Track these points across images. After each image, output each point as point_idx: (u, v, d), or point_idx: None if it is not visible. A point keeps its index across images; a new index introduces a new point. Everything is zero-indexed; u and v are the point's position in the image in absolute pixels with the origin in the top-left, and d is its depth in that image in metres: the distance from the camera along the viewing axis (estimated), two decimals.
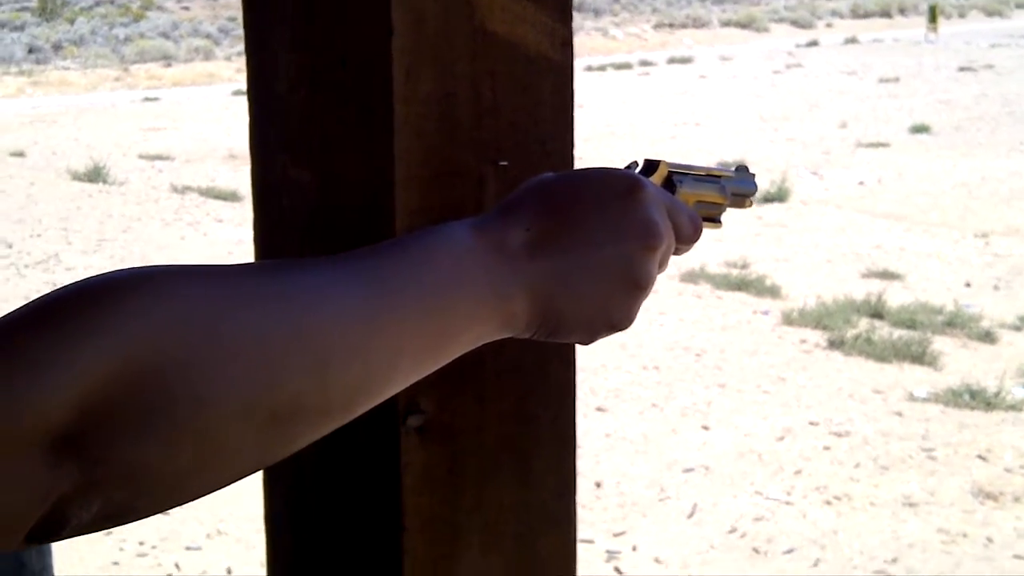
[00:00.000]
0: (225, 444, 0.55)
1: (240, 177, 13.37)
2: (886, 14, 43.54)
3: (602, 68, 25.81)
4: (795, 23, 39.26)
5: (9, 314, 0.50)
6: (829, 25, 39.79)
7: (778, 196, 11.33)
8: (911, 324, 7.42)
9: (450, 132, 1.08)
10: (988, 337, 7.23)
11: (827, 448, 5.32)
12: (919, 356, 6.72)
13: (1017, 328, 7.47)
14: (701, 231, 0.78)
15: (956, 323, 7.48)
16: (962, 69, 24.47)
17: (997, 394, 5.99)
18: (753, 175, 0.96)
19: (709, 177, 0.88)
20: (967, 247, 9.91)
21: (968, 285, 8.57)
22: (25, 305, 0.50)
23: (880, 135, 16.11)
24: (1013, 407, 5.88)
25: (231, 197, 11.94)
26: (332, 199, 1.12)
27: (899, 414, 5.80)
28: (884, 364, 6.61)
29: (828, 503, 4.76)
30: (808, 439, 5.43)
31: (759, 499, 4.82)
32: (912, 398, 6.04)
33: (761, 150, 14.78)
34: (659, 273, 0.74)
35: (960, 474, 5.05)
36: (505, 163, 1.11)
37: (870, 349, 6.82)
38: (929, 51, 28.95)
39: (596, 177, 0.73)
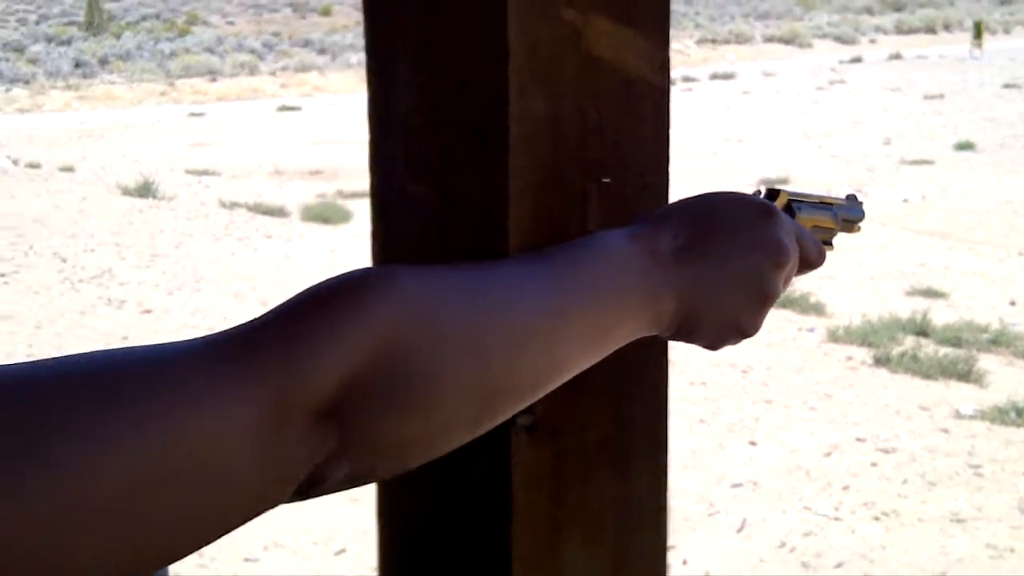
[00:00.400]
0: (445, 417, 0.63)
1: (287, 193, 13.52)
2: (931, 30, 43.41)
3: None
4: (838, 39, 39.23)
5: (282, 305, 0.58)
6: (873, 41, 39.73)
7: None
8: (956, 342, 7.43)
9: (558, 150, 1.15)
10: None
11: (874, 464, 5.35)
12: (965, 374, 6.74)
13: None
14: (825, 256, 0.86)
15: (1001, 341, 7.49)
16: (1007, 86, 24.44)
17: None
18: (861, 203, 1.03)
19: (823, 204, 0.96)
20: (1012, 265, 9.91)
21: (1013, 303, 8.57)
22: (294, 297, 0.58)
23: (924, 152, 16.13)
24: None
25: (279, 213, 12.09)
26: (448, 212, 1.20)
27: (945, 431, 5.83)
28: (930, 381, 6.63)
29: (876, 519, 4.80)
30: (855, 455, 5.47)
31: (808, 514, 4.87)
32: (958, 415, 6.06)
33: (805, 167, 14.82)
34: (783, 290, 0.81)
35: (1007, 490, 5.07)
36: (608, 180, 1.19)
37: (916, 366, 6.85)
38: (974, 67, 28.90)
39: (735, 199, 0.81)
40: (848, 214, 1.00)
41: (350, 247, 10.37)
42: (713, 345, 0.81)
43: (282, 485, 0.56)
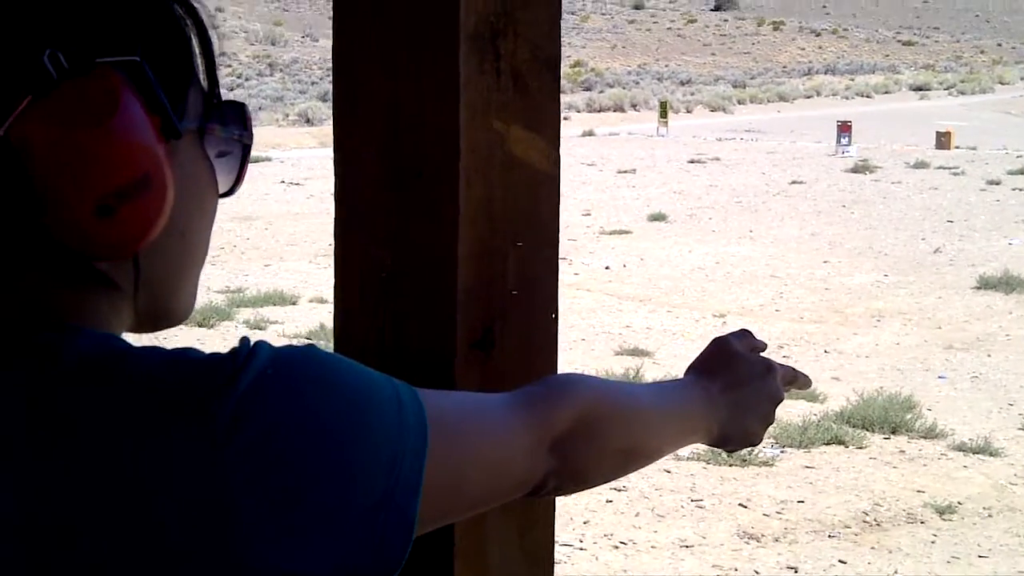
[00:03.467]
0: (607, 464, 1.06)
1: None
2: (619, 108, 45.84)
3: None
4: None
5: (541, 383, 1.04)
6: (566, 118, 41.61)
7: None
8: None
9: (490, 223, 1.57)
10: None
11: (609, 501, 5.94)
12: None
13: None
14: (794, 381, 1.36)
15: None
16: (692, 161, 26.07)
17: (751, 452, 6.77)
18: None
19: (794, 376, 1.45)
20: (708, 325, 10.84)
21: None
22: (546, 380, 1.05)
23: (622, 222, 17.13)
24: (765, 463, 6.66)
25: None
26: (404, 271, 1.59)
27: (668, 471, 6.49)
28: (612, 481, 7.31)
29: (615, 547, 5.37)
30: (592, 494, 6.04)
31: (556, 546, 5.37)
32: (678, 457, 6.74)
33: None
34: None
35: (726, 519, 5.75)
36: (521, 243, 1.62)
37: None
38: (661, 144, 30.65)
39: (751, 359, 1.25)
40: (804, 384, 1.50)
41: None
42: (734, 450, 1.29)
43: (528, 485, 0.98)
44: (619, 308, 11.59)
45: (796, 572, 5.19)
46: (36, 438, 0.73)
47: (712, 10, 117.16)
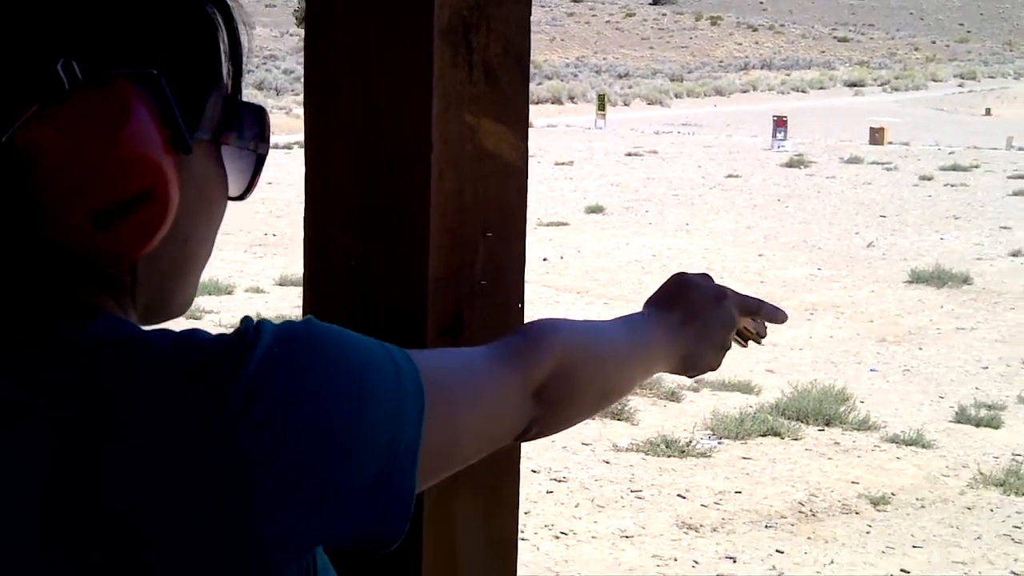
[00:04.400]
0: (584, 404, 1.10)
1: None
2: (557, 100, 45.94)
3: None
4: None
5: (520, 331, 1.06)
6: None
7: None
8: None
9: (460, 214, 1.59)
10: (673, 396, 8.15)
11: (550, 492, 5.98)
12: (618, 412, 7.53)
13: (695, 389, 8.44)
14: (757, 310, 1.40)
15: (644, 385, 8.37)
16: (629, 154, 26.26)
17: (689, 443, 6.85)
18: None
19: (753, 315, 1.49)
20: None
21: None
22: (525, 327, 1.07)
23: (559, 214, 17.20)
24: (703, 454, 6.74)
25: None
26: (373, 261, 1.62)
27: (607, 462, 6.56)
28: (588, 420, 7.37)
29: (556, 537, 5.41)
30: (532, 485, 6.08)
31: None
32: (616, 448, 6.81)
33: None
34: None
35: (665, 510, 5.81)
36: (490, 234, 1.65)
37: None
38: (599, 136, 30.82)
39: (704, 287, 1.29)
40: (760, 333, 1.54)
41: None
42: (695, 375, 1.33)
43: (514, 434, 1.03)
44: (556, 300, 11.65)
45: (734, 562, 5.26)
46: (55, 416, 0.74)
47: (650, 4, 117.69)
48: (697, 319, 1.27)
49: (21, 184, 0.75)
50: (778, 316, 1.43)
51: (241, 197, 0.93)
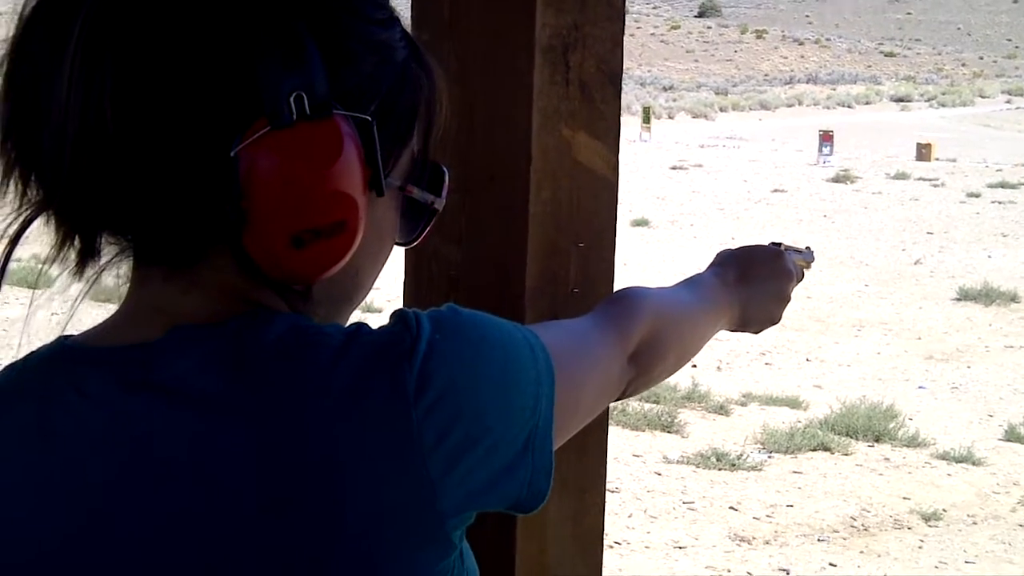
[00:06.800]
0: (668, 365, 1.19)
1: None
2: None
3: None
4: None
5: (614, 297, 1.15)
6: None
7: None
8: (656, 399, 8.29)
9: (556, 225, 1.65)
10: (722, 410, 8.18)
11: None
12: (668, 425, 7.58)
13: (743, 403, 8.46)
14: (804, 276, 1.46)
15: (693, 398, 8.40)
16: (674, 168, 26.23)
17: (740, 456, 6.88)
18: (813, 251, 1.63)
19: (798, 251, 1.56)
20: None
21: (695, 366, 9.57)
22: (618, 293, 1.15)
23: None
24: (754, 468, 6.77)
25: None
26: (473, 269, 1.67)
27: (659, 474, 6.60)
28: (639, 432, 7.43)
29: (610, 547, 5.45)
30: None
31: None
32: (667, 460, 6.85)
33: None
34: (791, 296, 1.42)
35: (717, 522, 5.85)
36: (583, 244, 1.70)
37: (625, 419, 7.63)
38: (644, 150, 30.75)
39: (760, 248, 1.39)
40: (808, 258, 1.60)
41: None
42: (757, 331, 1.41)
43: (617, 393, 1.11)
44: None
45: (788, 574, 5.30)
46: (235, 395, 0.81)
47: (696, 16, 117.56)
48: (756, 275, 1.36)
49: (234, 195, 0.81)
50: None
51: (408, 243, 1.02)
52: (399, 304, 1.12)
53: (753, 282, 1.36)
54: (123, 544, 0.81)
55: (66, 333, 0.91)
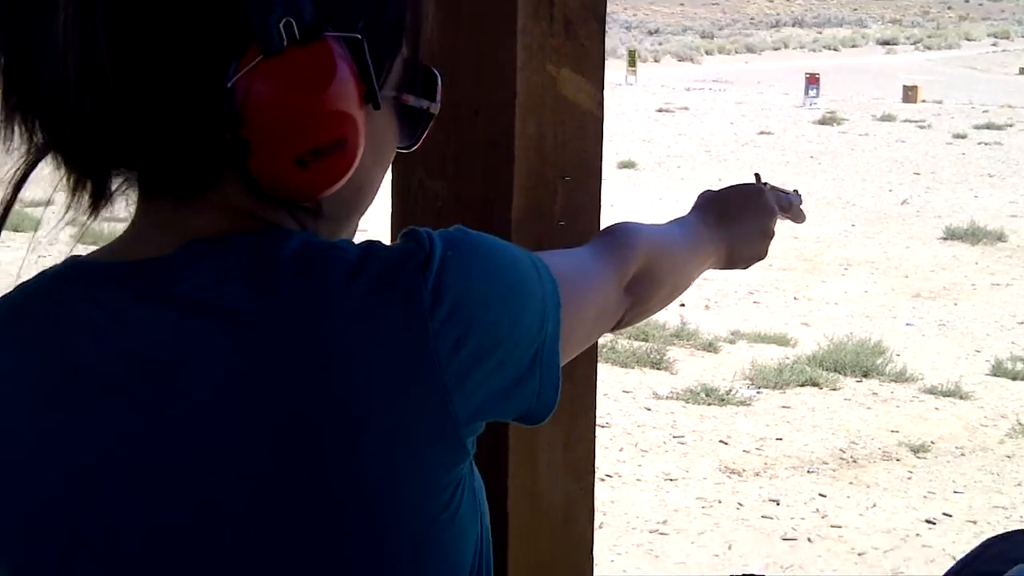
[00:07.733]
0: (661, 297, 1.24)
1: None
2: None
3: None
4: None
5: (604, 236, 1.19)
6: None
7: None
8: (644, 337, 8.37)
9: (541, 158, 1.69)
10: (711, 347, 8.26)
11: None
12: (657, 362, 7.66)
13: (731, 341, 8.55)
14: (789, 209, 1.52)
15: (682, 336, 8.49)
16: (660, 110, 26.17)
17: (728, 392, 6.97)
18: (800, 194, 1.68)
19: (784, 192, 1.60)
20: None
21: (683, 305, 9.63)
22: (614, 226, 1.19)
23: None
24: (743, 403, 6.86)
25: None
26: (459, 202, 1.71)
27: (648, 409, 6.69)
28: (628, 369, 7.52)
29: (602, 480, 5.54)
30: None
31: None
32: (657, 396, 6.93)
33: None
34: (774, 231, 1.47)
35: (707, 455, 5.95)
36: (568, 178, 1.75)
37: (615, 357, 7.71)
38: (630, 93, 30.65)
39: (742, 187, 1.44)
40: (795, 200, 1.65)
41: None
42: (745, 267, 1.46)
43: (613, 322, 1.16)
44: None
45: (778, 504, 5.39)
46: (254, 308, 0.84)
47: None
48: (739, 214, 1.41)
49: (234, 123, 0.85)
50: (799, 218, 1.60)
51: (408, 148, 1.04)
52: (386, 238, 1.15)
53: (736, 222, 1.40)
54: (147, 455, 0.84)
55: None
